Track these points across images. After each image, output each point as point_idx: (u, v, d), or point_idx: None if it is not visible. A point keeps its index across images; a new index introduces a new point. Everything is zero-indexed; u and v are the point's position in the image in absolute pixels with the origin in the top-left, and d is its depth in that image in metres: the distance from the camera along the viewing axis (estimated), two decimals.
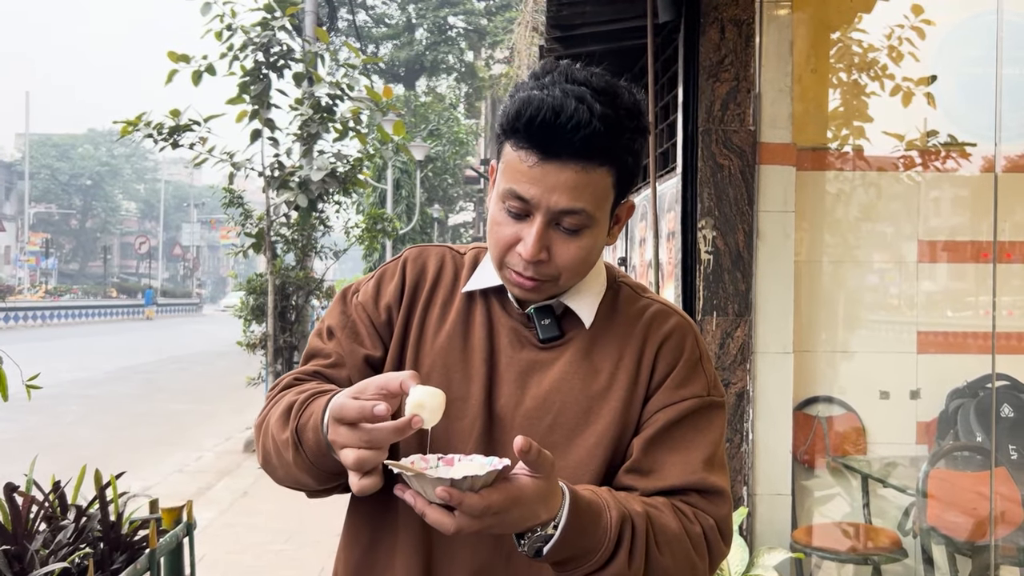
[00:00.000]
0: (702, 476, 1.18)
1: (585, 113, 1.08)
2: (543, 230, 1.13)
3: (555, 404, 1.19)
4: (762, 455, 3.21)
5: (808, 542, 3.19)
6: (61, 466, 2.64)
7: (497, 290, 1.27)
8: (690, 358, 1.23)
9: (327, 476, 1.14)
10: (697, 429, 1.20)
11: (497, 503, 0.94)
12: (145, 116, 7.54)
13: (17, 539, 2.08)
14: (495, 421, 1.19)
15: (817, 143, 3.40)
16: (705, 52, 3.21)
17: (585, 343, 1.23)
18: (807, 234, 3.37)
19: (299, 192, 7.88)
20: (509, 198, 1.14)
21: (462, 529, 0.94)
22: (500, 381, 1.22)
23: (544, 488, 0.99)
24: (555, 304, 1.24)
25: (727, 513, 1.21)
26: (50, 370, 2.62)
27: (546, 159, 1.10)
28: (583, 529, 1.03)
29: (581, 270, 1.20)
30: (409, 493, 0.96)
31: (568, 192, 1.10)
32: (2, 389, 2.42)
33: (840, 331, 3.45)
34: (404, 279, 1.30)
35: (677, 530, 1.13)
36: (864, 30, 3.49)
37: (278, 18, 7.72)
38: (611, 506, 1.07)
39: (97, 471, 2.43)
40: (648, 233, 3.92)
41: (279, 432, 1.17)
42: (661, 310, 1.27)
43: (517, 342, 1.24)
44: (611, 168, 1.13)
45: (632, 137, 1.14)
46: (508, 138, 1.14)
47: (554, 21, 3.83)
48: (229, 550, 5.13)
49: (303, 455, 1.12)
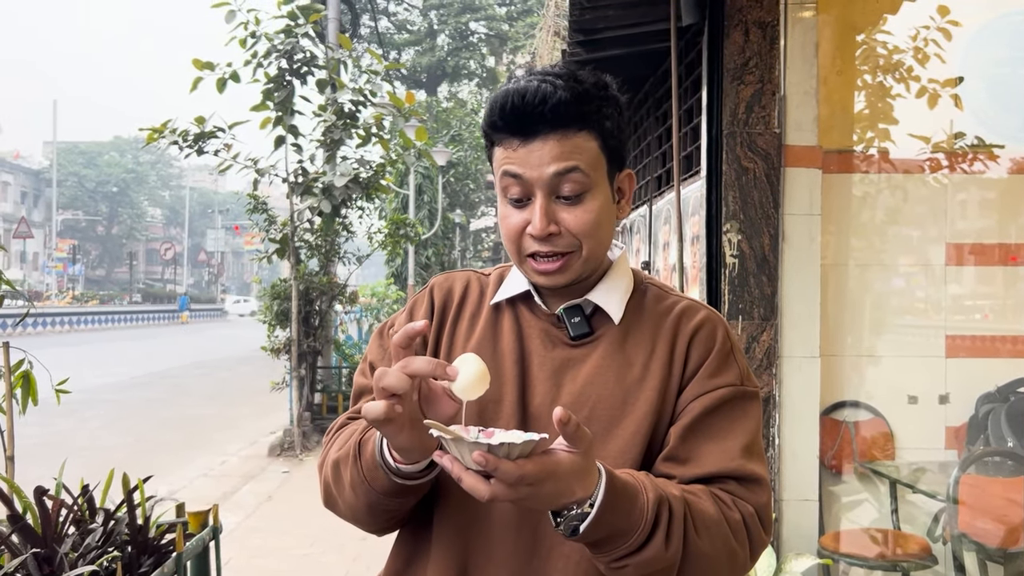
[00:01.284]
0: (740, 463, 1.18)
1: (548, 87, 1.15)
2: (546, 203, 1.17)
3: (591, 398, 1.21)
4: (789, 460, 3.18)
5: (836, 548, 3.16)
6: (88, 470, 2.66)
7: (524, 296, 1.30)
8: (722, 349, 1.25)
9: (378, 499, 1.16)
10: (733, 418, 1.21)
11: (532, 473, 0.95)
12: (170, 123, 7.61)
13: (47, 542, 2.11)
14: (530, 420, 1.21)
15: (843, 145, 3.38)
16: (729, 55, 3.19)
17: (617, 338, 1.25)
18: (833, 237, 3.34)
19: (323, 198, 7.93)
20: (507, 184, 1.19)
21: (496, 496, 0.95)
22: (534, 381, 1.24)
23: (580, 464, 0.99)
24: (583, 303, 1.26)
25: (767, 502, 1.21)
26: (78, 375, 2.64)
27: (527, 139, 1.16)
28: (619, 508, 1.04)
29: (598, 237, 1.21)
30: (447, 458, 0.97)
31: (555, 159, 1.15)
32: (32, 394, 2.45)
33: (867, 335, 3.41)
34: (432, 302, 1.34)
35: (716, 515, 1.13)
36: (889, 31, 3.46)
37: (301, 25, 7.77)
38: (648, 488, 1.08)
39: (125, 475, 2.45)
40: (672, 237, 3.90)
41: (340, 453, 1.20)
42: (690, 305, 1.29)
43: (549, 342, 1.26)
44: (591, 132, 1.18)
45: (603, 103, 1.19)
46: (492, 140, 1.21)
47: (577, 25, 3.82)
48: (254, 554, 5.16)
49: (359, 468, 1.15)
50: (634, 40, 4.02)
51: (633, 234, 5.50)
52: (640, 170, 5.26)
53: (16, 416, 2.49)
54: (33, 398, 2.49)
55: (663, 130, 4.50)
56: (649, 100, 4.85)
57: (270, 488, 6.99)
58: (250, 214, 8.77)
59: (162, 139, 7.58)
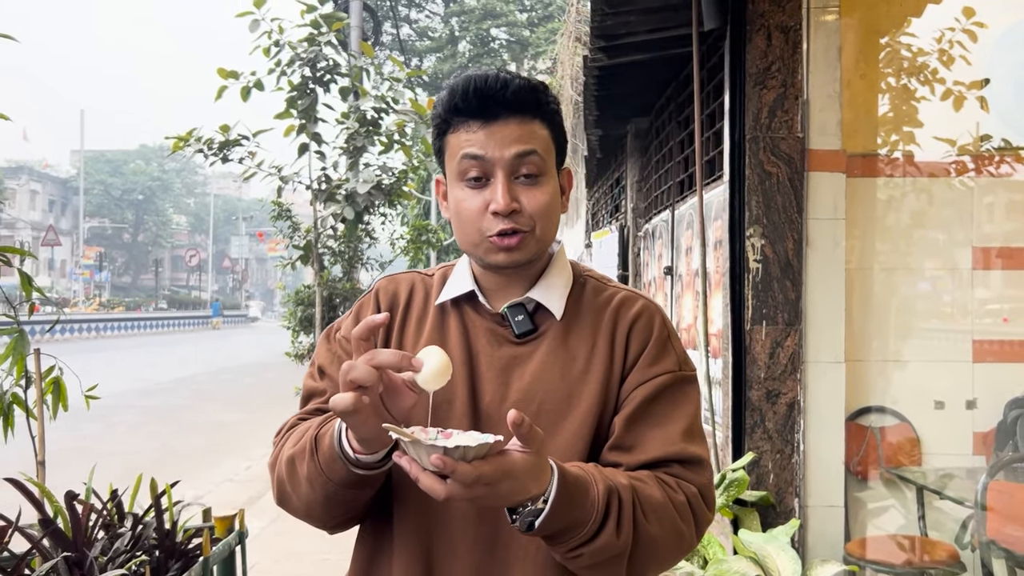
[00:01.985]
0: (682, 447, 1.24)
1: (507, 75, 1.22)
2: (507, 181, 1.22)
3: (538, 394, 1.25)
4: (814, 466, 3.16)
5: (862, 555, 3.14)
6: (115, 475, 2.69)
7: (468, 297, 1.34)
8: (659, 337, 1.30)
9: (336, 491, 1.18)
10: (674, 403, 1.27)
11: (488, 474, 0.98)
12: (196, 132, 7.68)
13: (77, 546, 2.13)
14: (481, 418, 1.25)
15: (867, 149, 3.36)
16: (752, 59, 3.19)
17: (559, 333, 1.29)
18: (858, 241, 3.32)
19: (346, 204, 7.97)
20: (466, 165, 1.23)
21: (453, 496, 0.98)
22: (483, 380, 1.27)
23: (534, 463, 1.03)
24: (525, 301, 1.31)
25: (708, 480, 1.27)
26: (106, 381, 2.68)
27: (488, 121, 1.21)
28: (572, 502, 1.08)
29: (551, 223, 1.27)
30: (405, 459, 1.00)
31: (516, 140, 1.21)
32: (63, 400, 2.49)
33: (893, 340, 3.39)
34: (379, 306, 1.37)
35: (662, 499, 1.18)
36: (914, 34, 3.44)
37: (324, 33, 7.82)
38: (598, 480, 1.13)
39: (153, 480, 2.47)
40: (695, 242, 3.89)
41: (294, 449, 1.22)
42: (628, 296, 1.34)
43: (495, 341, 1.30)
44: (544, 122, 1.25)
45: (550, 100, 1.26)
46: (448, 126, 1.25)
47: (599, 31, 3.83)
48: (279, 558, 5.18)
49: (316, 461, 1.17)
50: (656, 45, 4.02)
51: (655, 239, 5.49)
52: (662, 175, 5.25)
53: (47, 421, 2.52)
54: (63, 404, 2.53)
55: (685, 135, 4.50)
56: (671, 105, 4.84)
57: None
58: (274, 221, 8.84)
59: (188, 147, 7.65)
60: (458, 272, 1.37)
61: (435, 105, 1.27)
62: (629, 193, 6.49)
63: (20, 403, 2.47)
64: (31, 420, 2.49)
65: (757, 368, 3.15)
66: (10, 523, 2.00)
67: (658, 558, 1.20)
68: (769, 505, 3.12)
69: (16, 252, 2.43)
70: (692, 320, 4.19)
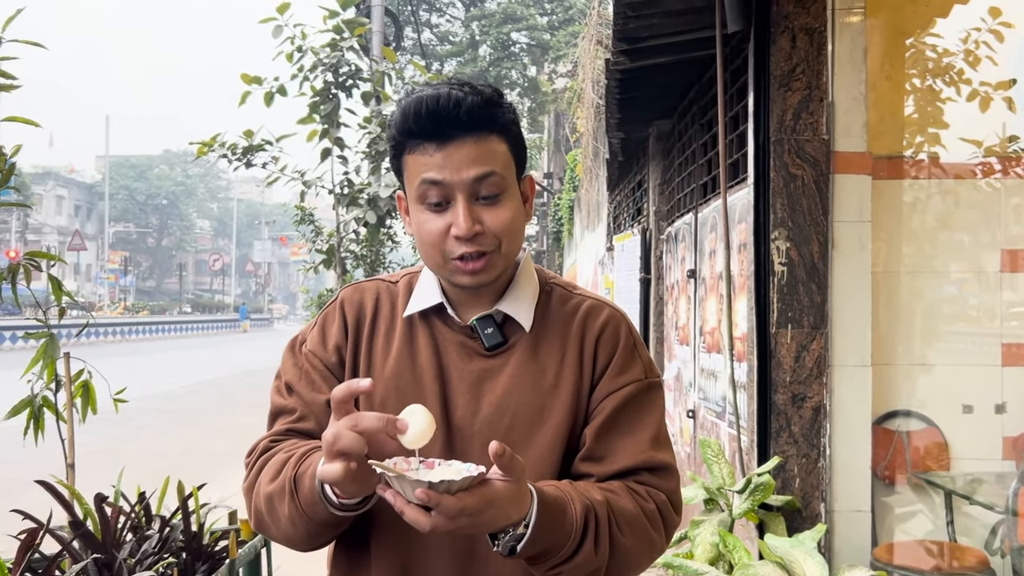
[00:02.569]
0: (650, 455, 1.27)
1: (459, 93, 1.20)
2: (467, 204, 1.21)
3: (510, 407, 1.26)
4: (840, 471, 3.14)
5: (890, 560, 3.11)
6: (141, 478, 2.72)
7: (437, 309, 1.33)
8: (626, 346, 1.32)
9: (318, 529, 1.19)
10: (641, 410, 1.29)
11: (472, 506, 1.00)
12: (219, 137, 7.74)
13: (107, 548, 2.15)
14: (454, 432, 1.26)
15: (893, 151, 3.33)
16: (776, 61, 3.17)
17: (529, 345, 1.30)
18: (884, 244, 3.29)
19: (368, 209, 7.99)
20: (425, 190, 1.22)
21: (437, 528, 1.00)
22: (454, 393, 1.28)
23: (515, 491, 1.05)
24: (495, 313, 1.31)
25: (676, 486, 1.31)
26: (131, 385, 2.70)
27: (444, 142, 1.20)
28: (551, 524, 1.11)
29: (516, 238, 1.27)
30: (389, 492, 1.02)
31: (474, 162, 1.20)
32: (92, 403, 2.51)
33: (920, 343, 3.35)
34: (345, 318, 1.35)
35: (634, 511, 1.21)
36: (939, 34, 3.41)
37: (347, 39, 7.85)
38: (575, 499, 1.15)
39: (180, 482, 2.49)
40: (718, 245, 3.87)
41: (273, 487, 1.22)
42: (594, 305, 1.36)
43: (465, 354, 1.30)
44: (500, 136, 1.24)
45: (506, 110, 1.25)
46: (404, 147, 1.23)
47: (621, 34, 3.82)
48: (302, 561, 5.20)
49: (297, 503, 1.17)
50: (679, 48, 4.01)
51: (678, 242, 5.47)
52: (685, 178, 5.23)
53: (75, 424, 2.55)
54: (93, 407, 2.56)
55: (708, 137, 4.48)
56: (694, 108, 4.83)
57: None
58: (297, 225, 8.89)
59: (212, 152, 7.70)
60: (424, 282, 1.36)
61: (388, 125, 1.27)
62: (651, 196, 6.47)
63: (50, 406, 2.50)
64: (60, 423, 2.51)
65: (782, 372, 3.13)
66: (41, 525, 2.03)
67: (631, 567, 1.23)
68: (795, 510, 3.10)
69: (46, 257, 2.46)
70: (716, 323, 4.17)
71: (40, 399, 2.47)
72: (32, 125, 2.45)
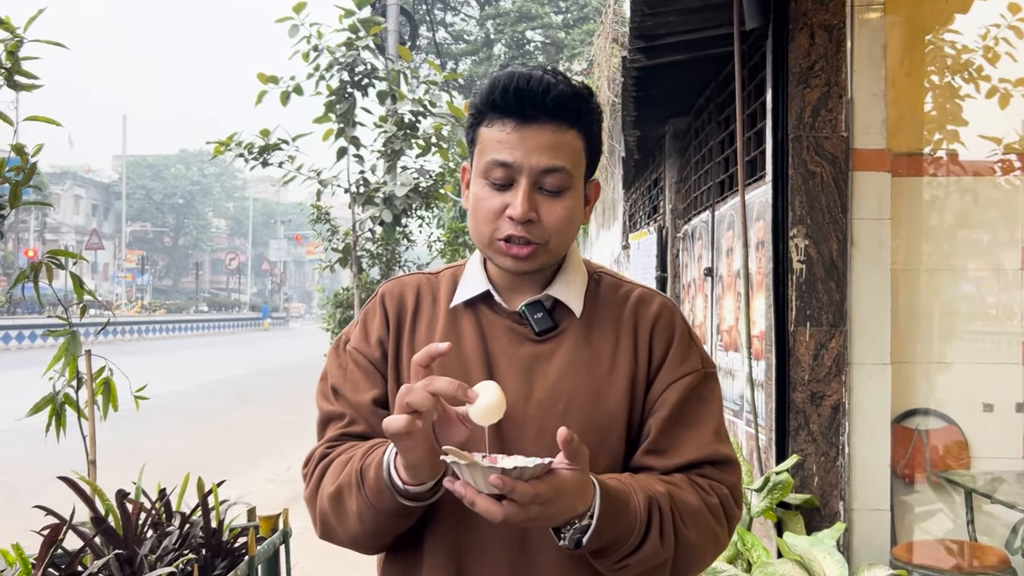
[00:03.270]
0: (714, 448, 1.25)
1: (552, 79, 1.19)
2: (529, 191, 1.19)
3: (565, 393, 1.24)
4: (859, 469, 3.12)
5: (909, 559, 3.09)
6: (158, 475, 2.73)
7: (483, 297, 1.31)
8: (682, 335, 1.30)
9: (386, 521, 1.17)
10: (703, 401, 1.27)
11: (544, 493, 0.99)
12: (236, 136, 7.77)
13: (128, 544, 2.17)
14: (505, 419, 1.19)
15: (913, 148, 3.31)
16: (794, 58, 3.16)
17: (581, 330, 1.28)
18: (904, 242, 3.27)
19: (384, 207, 8.01)
20: (492, 169, 1.20)
21: (509, 517, 0.99)
22: (504, 379, 1.24)
23: (580, 480, 1.04)
24: (544, 298, 1.29)
25: (738, 479, 1.28)
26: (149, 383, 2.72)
27: (523, 123, 1.18)
28: (616, 516, 1.09)
29: (567, 236, 1.25)
30: (459, 483, 1.01)
31: (547, 151, 1.18)
32: (113, 400, 2.53)
33: (940, 342, 3.33)
34: (386, 312, 1.34)
35: (698, 504, 1.19)
36: (959, 31, 3.38)
37: (362, 38, 7.87)
38: (637, 491, 1.13)
39: (200, 479, 2.51)
40: (736, 242, 3.86)
41: (337, 484, 1.20)
42: (644, 293, 1.34)
43: (515, 340, 1.28)
44: (580, 133, 1.22)
45: (592, 109, 1.23)
46: (483, 118, 1.22)
47: (638, 32, 3.81)
48: (320, 558, 5.22)
49: (364, 494, 1.16)
50: (696, 45, 3.99)
51: (695, 240, 5.46)
52: (702, 175, 5.22)
53: (96, 422, 2.57)
54: (114, 404, 2.57)
55: (725, 135, 4.46)
56: (711, 105, 4.81)
57: None
58: (313, 224, 8.92)
59: (228, 152, 7.74)
60: (470, 272, 1.34)
61: (474, 93, 1.24)
62: (667, 194, 6.46)
63: (72, 403, 2.52)
64: (82, 420, 2.53)
65: (801, 370, 3.12)
66: (64, 521, 2.04)
67: (696, 561, 1.21)
68: (814, 508, 3.09)
69: (68, 255, 2.48)
70: (733, 322, 4.16)
71: (62, 396, 2.49)
72: (53, 124, 2.48)
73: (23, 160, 2.43)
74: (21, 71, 2.46)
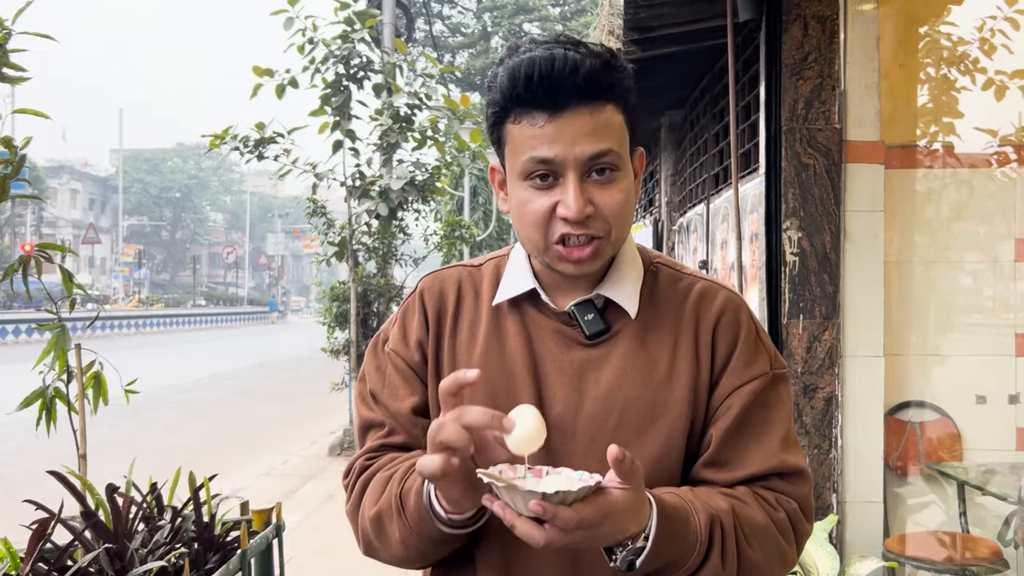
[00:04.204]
0: (781, 459, 1.14)
1: (575, 55, 1.05)
2: (579, 183, 1.07)
3: (618, 402, 1.13)
4: (852, 461, 3.12)
5: (902, 551, 3.09)
6: (155, 469, 2.72)
7: (529, 296, 1.20)
8: (748, 334, 1.18)
9: (430, 547, 1.11)
10: (770, 408, 1.16)
11: (589, 518, 0.92)
12: (231, 129, 7.76)
13: (118, 538, 2.16)
14: (552, 430, 1.10)
15: (906, 140, 3.30)
16: (788, 50, 3.15)
17: (636, 333, 1.16)
18: (897, 234, 3.27)
19: (380, 201, 8.01)
20: (532, 167, 1.08)
21: (552, 542, 0.91)
22: (552, 387, 1.15)
23: (634, 500, 0.96)
24: (595, 298, 1.18)
25: (808, 492, 1.17)
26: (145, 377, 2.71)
27: (556, 113, 1.05)
28: (674, 536, 1.01)
29: (628, 221, 1.13)
30: (498, 504, 0.94)
31: (589, 137, 1.06)
32: (103, 394, 2.53)
33: (933, 334, 3.33)
34: (425, 310, 1.24)
35: (764, 521, 1.10)
36: (954, 23, 3.38)
37: (358, 31, 7.85)
38: (698, 508, 1.04)
39: (191, 473, 2.50)
40: (730, 235, 3.85)
41: (378, 508, 1.14)
42: (707, 287, 1.21)
43: (563, 344, 1.17)
44: (617, 104, 1.09)
45: (624, 74, 1.10)
46: (508, 114, 1.09)
47: (632, 24, 3.80)
48: (316, 552, 5.23)
49: (405, 522, 1.09)
50: (690, 37, 3.99)
51: (690, 233, 5.45)
52: (697, 168, 5.21)
53: (88, 416, 2.56)
54: (104, 398, 2.57)
55: (720, 127, 4.46)
56: (705, 97, 4.81)
57: (331, 487, 7.09)
58: (309, 218, 8.92)
59: (224, 145, 7.73)
60: (514, 267, 1.23)
61: (491, 87, 1.11)
62: (663, 187, 6.45)
63: (62, 397, 2.51)
64: (72, 414, 2.53)
65: (794, 363, 3.11)
66: (53, 515, 2.04)
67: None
68: None
69: (58, 249, 2.47)
70: None
71: (52, 390, 2.48)
72: (42, 117, 2.46)
73: (11, 153, 2.41)
74: (9, 63, 2.45)
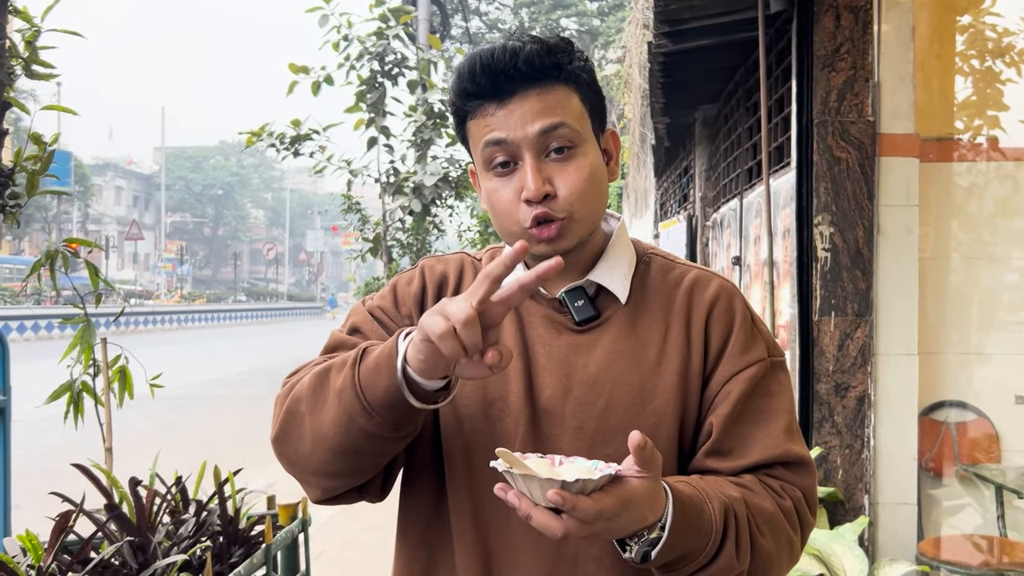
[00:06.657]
0: (786, 448, 1.13)
1: (516, 43, 1.09)
2: (536, 163, 1.08)
3: (606, 387, 1.12)
4: (884, 462, 3.05)
5: (936, 555, 3.02)
6: (190, 462, 2.75)
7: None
8: (744, 321, 1.17)
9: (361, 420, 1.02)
10: (771, 395, 1.15)
11: (610, 508, 0.90)
12: (268, 126, 7.82)
13: (141, 531, 2.18)
14: (540, 415, 1.12)
15: (943, 133, 3.22)
16: (820, 41, 3.08)
17: (626, 319, 1.16)
18: (932, 229, 3.19)
19: (413, 197, 8.02)
20: (490, 153, 1.10)
21: (570, 533, 0.89)
22: (541, 372, 1.15)
23: (651, 488, 0.94)
24: (586, 284, 1.17)
25: (812, 483, 1.16)
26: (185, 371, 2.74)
27: (504, 99, 1.08)
28: (689, 526, 0.99)
29: (594, 200, 1.12)
30: (512, 493, 0.91)
31: (539, 114, 1.08)
32: (128, 388, 2.55)
33: (970, 332, 3.25)
34: (424, 284, 1.24)
35: (773, 510, 1.08)
36: (998, 13, 3.28)
37: (392, 27, 7.88)
38: (711, 497, 1.03)
39: (216, 467, 2.52)
40: (763, 231, 3.79)
41: (325, 365, 1.08)
42: (700, 275, 1.21)
43: (553, 329, 1.17)
44: (569, 85, 1.11)
45: (572, 57, 1.12)
46: (465, 111, 1.13)
47: (663, 16, 3.75)
48: (346, 547, 5.25)
49: (355, 373, 1.02)
50: (721, 30, 3.93)
51: (723, 228, 5.38)
52: (730, 163, 5.14)
53: (124, 410, 2.59)
54: (129, 392, 2.59)
55: (753, 121, 4.39)
56: (739, 91, 4.74)
57: None
58: (344, 214, 8.97)
59: (260, 141, 7.80)
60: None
61: (449, 91, 1.16)
62: (697, 182, 6.38)
63: (89, 391, 2.54)
64: (99, 408, 2.56)
65: (825, 360, 3.05)
66: (76, 506, 2.06)
67: (771, 572, 1.10)
68: (838, 502, 3.03)
69: (85, 244, 2.50)
70: (761, 311, 4.10)
71: (79, 384, 2.51)
72: (70, 113, 2.49)
73: (41, 149, 2.44)
74: (39, 60, 2.48)
